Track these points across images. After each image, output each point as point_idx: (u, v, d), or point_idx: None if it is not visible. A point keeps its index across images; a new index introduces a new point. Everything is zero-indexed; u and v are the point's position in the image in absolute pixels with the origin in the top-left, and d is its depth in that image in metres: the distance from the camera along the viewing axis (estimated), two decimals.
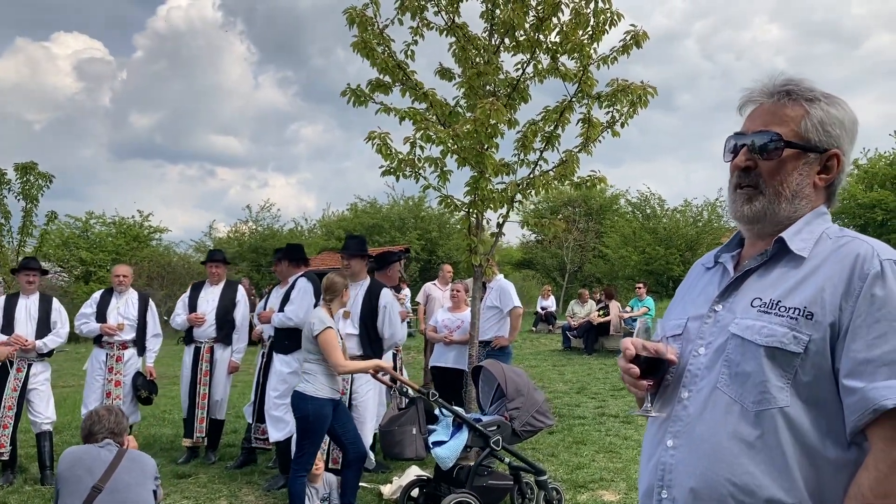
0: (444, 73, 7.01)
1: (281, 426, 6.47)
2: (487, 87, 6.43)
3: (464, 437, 5.37)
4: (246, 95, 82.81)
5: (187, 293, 7.91)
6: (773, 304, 1.65)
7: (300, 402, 5.20)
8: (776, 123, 1.75)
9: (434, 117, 6.44)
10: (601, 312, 16.24)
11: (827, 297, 1.59)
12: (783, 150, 1.73)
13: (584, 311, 17.11)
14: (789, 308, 1.62)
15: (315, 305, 6.23)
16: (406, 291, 19.56)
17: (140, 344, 7.46)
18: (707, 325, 1.77)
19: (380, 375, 5.68)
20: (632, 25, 6.44)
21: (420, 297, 10.99)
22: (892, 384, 1.49)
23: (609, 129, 6.68)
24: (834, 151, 1.75)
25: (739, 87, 1.87)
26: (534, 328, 21.34)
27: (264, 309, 7.49)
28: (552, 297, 23.17)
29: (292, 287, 6.85)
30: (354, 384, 6.39)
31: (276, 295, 7.31)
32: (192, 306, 7.72)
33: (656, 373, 1.78)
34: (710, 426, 1.66)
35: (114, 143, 78.55)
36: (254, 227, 35.87)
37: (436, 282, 10.90)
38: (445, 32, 6.57)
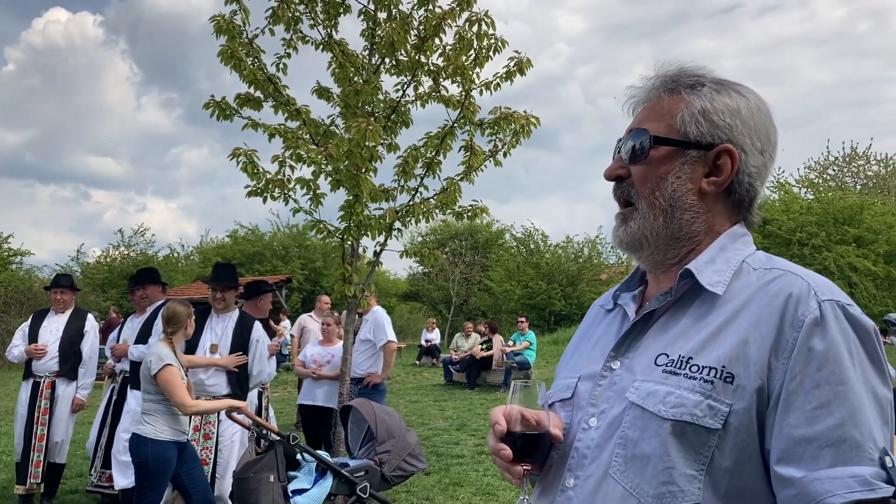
0: (322, 93, 6.62)
1: (129, 472, 5.78)
2: (366, 108, 6.07)
3: (328, 484, 4.91)
4: (126, 116, 79.03)
5: (28, 322, 7.10)
6: (682, 361, 1.25)
7: (138, 446, 4.62)
8: (650, 120, 1.39)
9: (308, 136, 6.02)
10: (484, 346, 16.07)
11: (752, 352, 1.19)
12: (651, 150, 1.36)
13: (468, 344, 16.92)
14: (703, 367, 1.22)
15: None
16: (286, 323, 18.88)
17: None
18: (601, 387, 1.35)
19: (235, 415, 5.15)
20: (516, 52, 6.27)
21: (295, 330, 10.47)
22: (839, 473, 1.10)
23: (491, 158, 6.47)
24: (724, 146, 1.34)
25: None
26: (417, 361, 20.99)
27: (117, 340, 6.80)
28: (437, 330, 22.94)
29: (152, 316, 6.22)
30: (221, 425, 5.82)
31: (132, 325, 6.66)
32: (33, 336, 6.91)
33: (536, 453, 1.33)
34: None
35: None
36: (126, 252, 34.04)
37: (312, 313, 10.43)
38: (322, 48, 6.19)
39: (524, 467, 1.33)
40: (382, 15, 6.16)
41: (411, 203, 6.32)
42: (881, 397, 1.17)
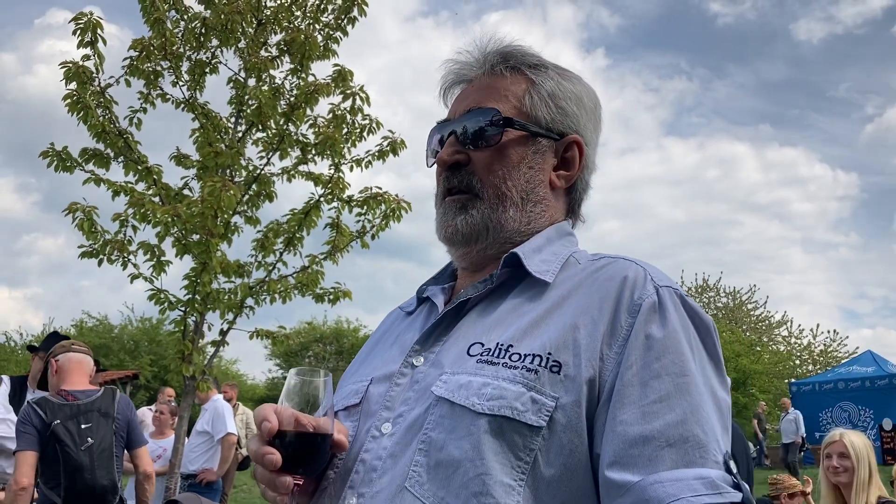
0: (181, 160, 6.14)
1: None
2: (226, 172, 5.64)
3: None
4: None
5: None
6: (501, 350, 1.04)
7: None
8: (493, 99, 1.22)
9: (157, 198, 5.50)
10: None
11: (582, 338, 1.02)
12: (503, 133, 1.19)
13: None
14: (525, 356, 1.02)
15: None
16: None
17: None
18: (399, 387, 1.11)
19: None
20: (390, 132, 6.09)
21: None
22: (683, 475, 0.92)
23: (359, 239, 6.15)
24: (573, 137, 1.24)
25: None
26: None
27: None
28: None
29: None
30: None
31: None
32: None
33: (313, 462, 1.03)
34: None
35: None
36: None
37: (153, 406, 9.49)
38: (183, 107, 5.77)
39: (295, 481, 1.02)
40: (252, 81, 5.86)
41: (267, 279, 5.85)
42: (720, 399, 1.03)
